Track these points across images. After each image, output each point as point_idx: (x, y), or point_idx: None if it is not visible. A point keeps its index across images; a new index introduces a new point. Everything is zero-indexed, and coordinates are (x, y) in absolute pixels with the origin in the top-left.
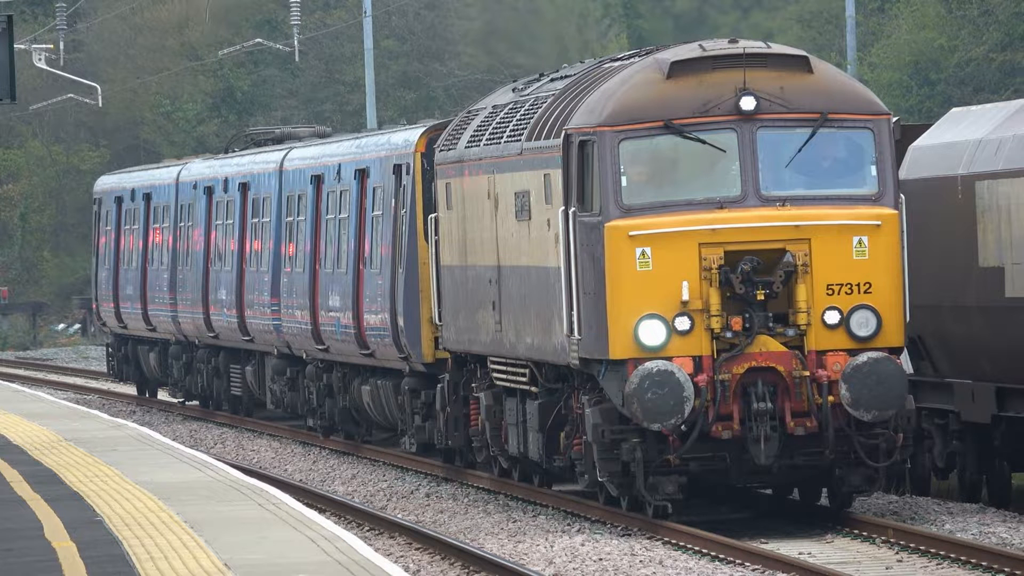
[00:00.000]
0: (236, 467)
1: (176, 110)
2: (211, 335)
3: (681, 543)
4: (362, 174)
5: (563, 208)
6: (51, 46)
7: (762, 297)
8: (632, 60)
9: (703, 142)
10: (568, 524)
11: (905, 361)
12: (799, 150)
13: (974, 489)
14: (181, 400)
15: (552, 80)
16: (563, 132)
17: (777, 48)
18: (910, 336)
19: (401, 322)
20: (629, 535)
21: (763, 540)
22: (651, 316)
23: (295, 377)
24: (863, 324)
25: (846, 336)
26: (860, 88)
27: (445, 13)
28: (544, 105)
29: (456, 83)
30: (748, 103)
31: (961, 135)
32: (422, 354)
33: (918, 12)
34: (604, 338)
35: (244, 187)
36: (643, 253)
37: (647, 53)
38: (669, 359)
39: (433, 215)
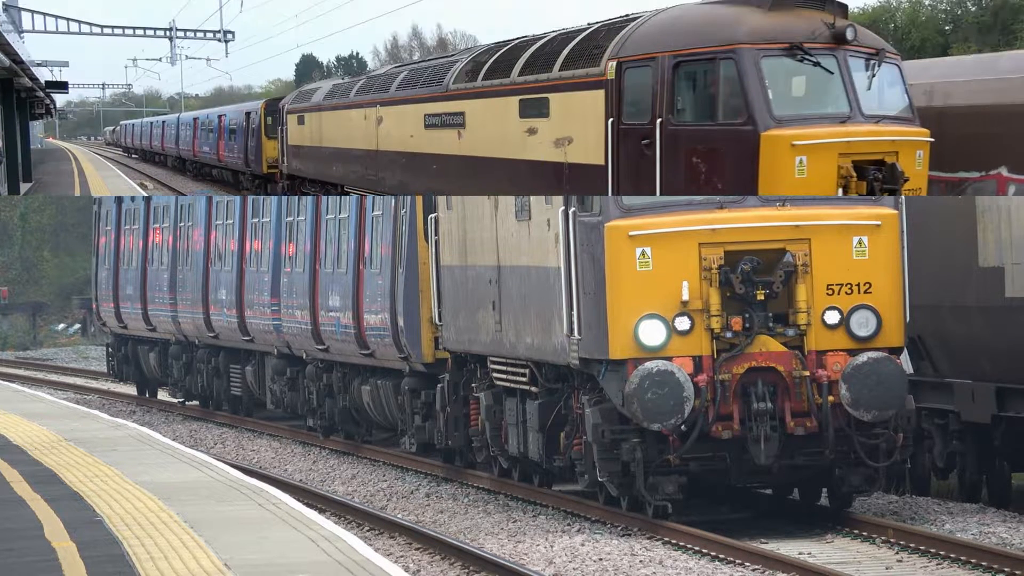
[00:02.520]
0: (236, 467)
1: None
2: (211, 335)
3: (681, 543)
4: None
5: (563, 208)
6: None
7: (762, 297)
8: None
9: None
10: (568, 524)
11: (905, 361)
12: None
13: (974, 489)
14: (181, 400)
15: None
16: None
17: None
18: (910, 336)
19: (401, 322)
20: (629, 535)
21: (763, 540)
22: (651, 316)
23: (295, 377)
24: (863, 324)
25: (846, 336)
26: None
27: None
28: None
29: None
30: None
31: None
32: (422, 354)
33: None
34: (604, 338)
35: None
36: (643, 253)
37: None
38: (669, 359)
39: (433, 215)
